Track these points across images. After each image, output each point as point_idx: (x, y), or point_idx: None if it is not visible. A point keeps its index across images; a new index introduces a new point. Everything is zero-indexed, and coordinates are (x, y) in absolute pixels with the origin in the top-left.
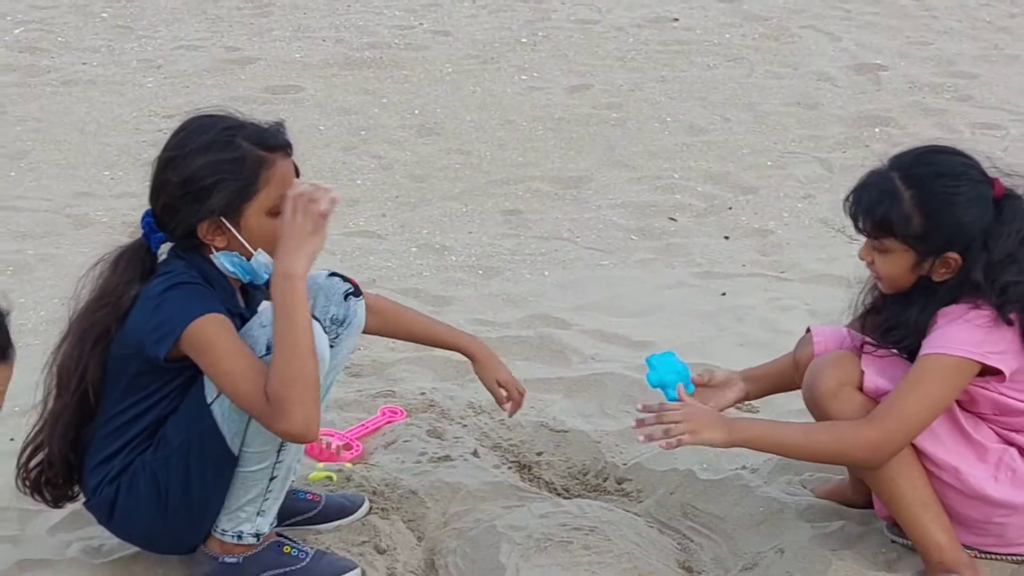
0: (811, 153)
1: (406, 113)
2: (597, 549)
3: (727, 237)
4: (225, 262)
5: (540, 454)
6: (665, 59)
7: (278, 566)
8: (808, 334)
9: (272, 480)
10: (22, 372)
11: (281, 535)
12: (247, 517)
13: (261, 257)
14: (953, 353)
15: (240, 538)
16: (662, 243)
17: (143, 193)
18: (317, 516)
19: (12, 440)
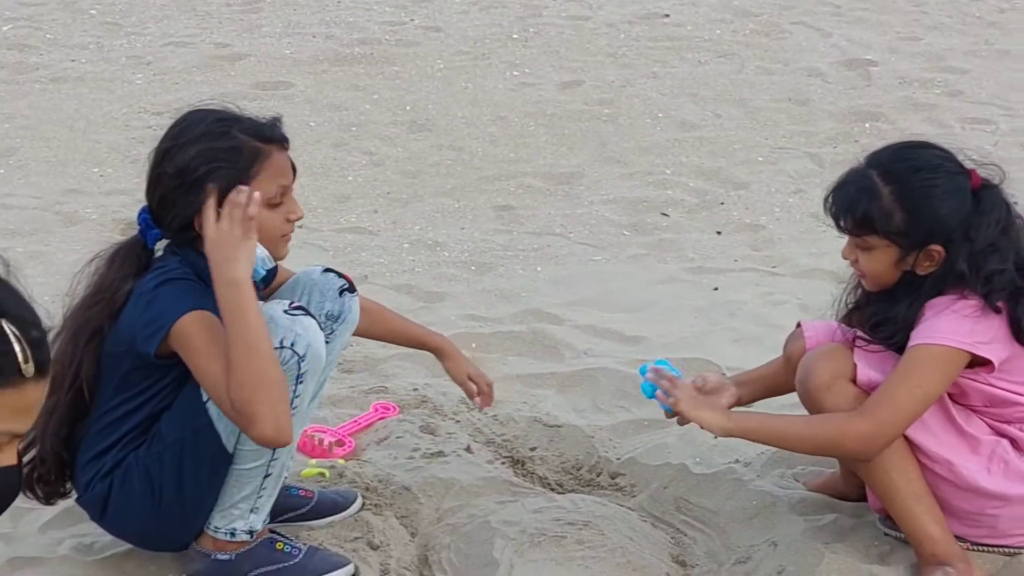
0: (802, 148)
1: (397, 109)
2: (591, 544)
3: (719, 232)
4: None
5: (533, 449)
6: (656, 55)
7: (271, 563)
8: (798, 329)
9: (266, 478)
10: None
11: (274, 532)
12: (240, 514)
13: (257, 250)
14: (942, 343)
15: (233, 535)
16: (654, 238)
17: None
18: (310, 512)
19: None
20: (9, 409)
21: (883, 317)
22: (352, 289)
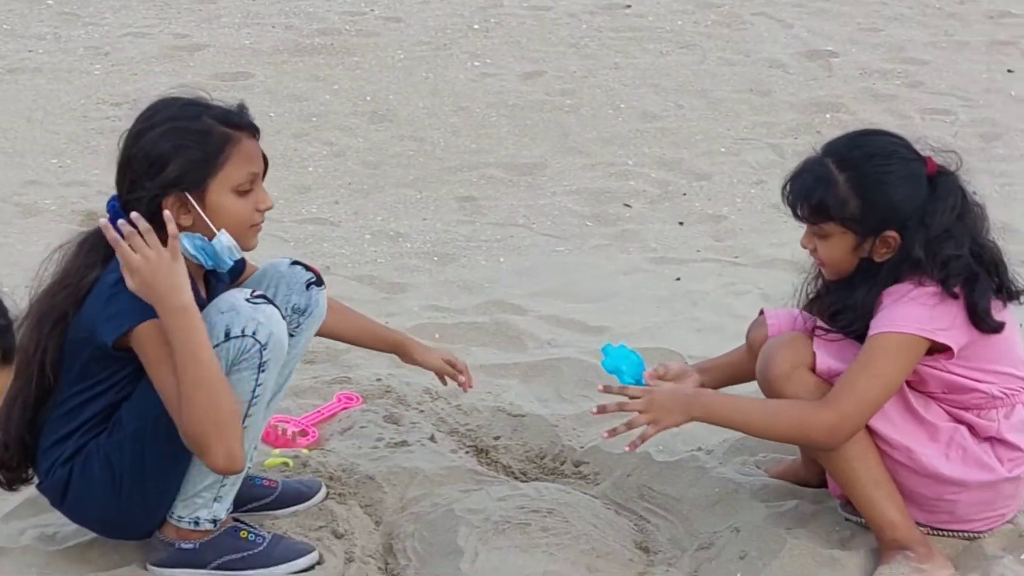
0: (763, 139)
1: (358, 100)
2: (555, 531)
3: (681, 223)
4: (187, 244)
5: (497, 438)
6: (618, 46)
7: (235, 551)
8: (761, 316)
9: None
10: None
11: (238, 520)
12: (204, 503)
13: (224, 239)
14: (902, 331)
15: (197, 524)
16: (617, 229)
17: (92, 181)
18: (274, 502)
19: None
20: None
21: (842, 305)
22: (320, 282)
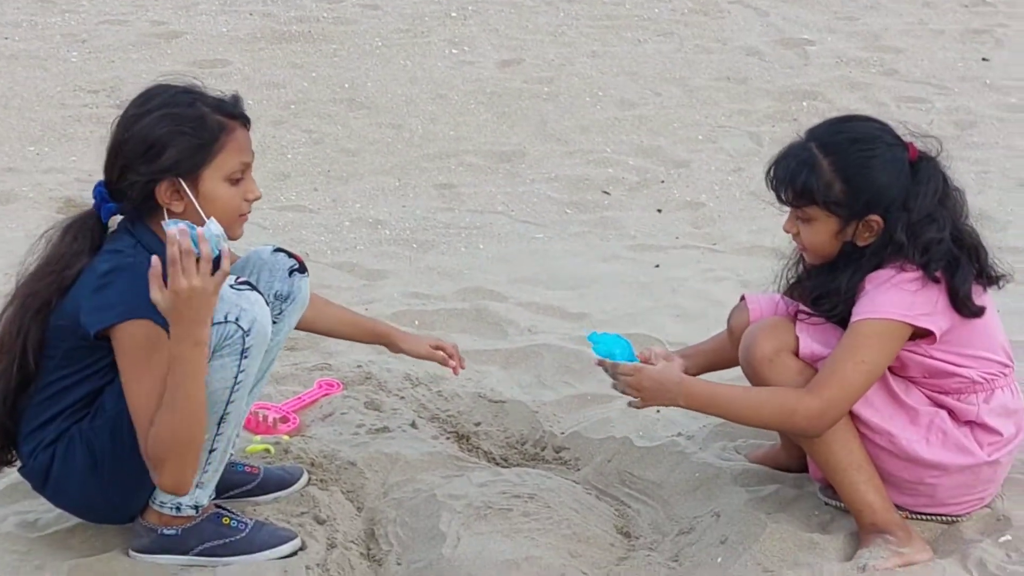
0: (741, 127)
1: (336, 87)
2: (537, 516)
3: (660, 210)
4: (174, 230)
5: (478, 424)
6: (596, 34)
7: (218, 537)
8: (742, 302)
9: (211, 452)
10: None
11: (220, 507)
12: None
13: (213, 227)
14: (885, 317)
15: (179, 510)
16: (596, 216)
17: (70, 168)
18: (256, 488)
19: None
20: None
21: (824, 290)
22: (303, 269)
